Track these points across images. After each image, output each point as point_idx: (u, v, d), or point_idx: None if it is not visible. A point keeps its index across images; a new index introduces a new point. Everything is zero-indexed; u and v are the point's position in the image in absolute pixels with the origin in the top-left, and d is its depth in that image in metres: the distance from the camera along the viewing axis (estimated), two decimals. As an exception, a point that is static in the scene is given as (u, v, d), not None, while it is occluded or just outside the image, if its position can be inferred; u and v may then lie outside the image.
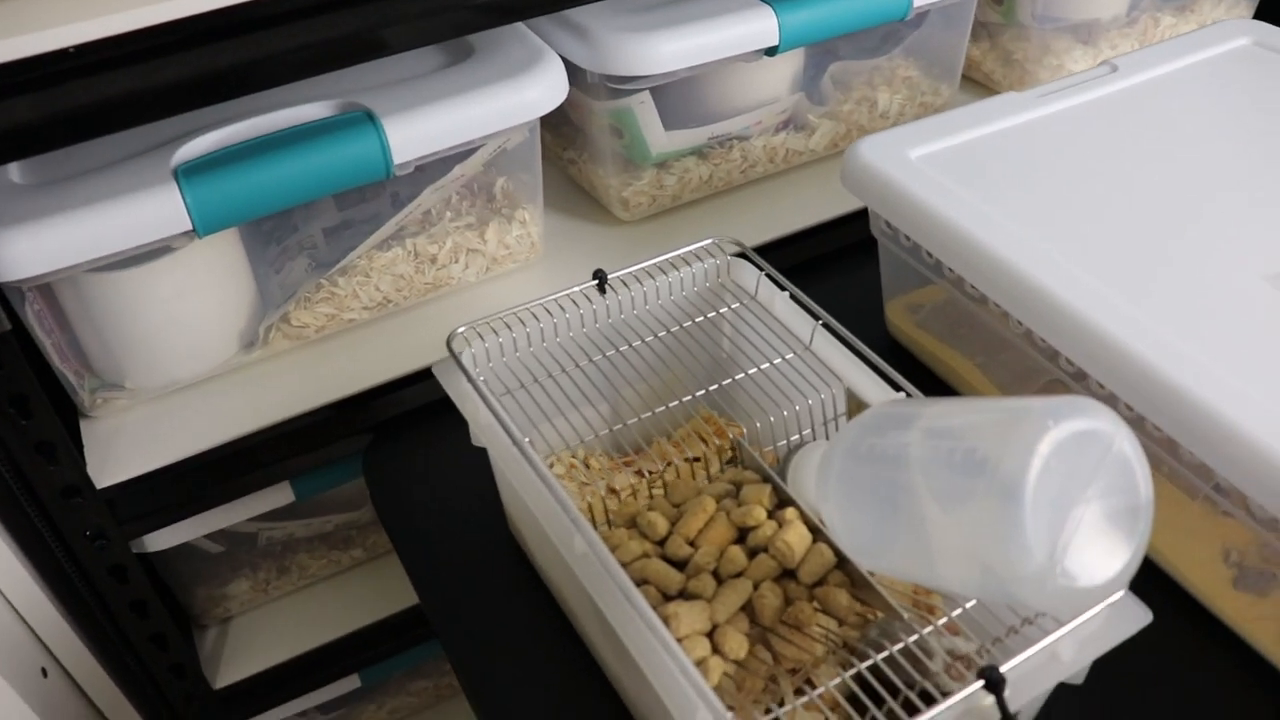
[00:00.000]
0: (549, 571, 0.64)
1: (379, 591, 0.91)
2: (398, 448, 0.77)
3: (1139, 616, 0.49)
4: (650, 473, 0.62)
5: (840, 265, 0.88)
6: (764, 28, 0.78)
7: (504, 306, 0.63)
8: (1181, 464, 0.61)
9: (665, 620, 0.49)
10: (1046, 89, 0.79)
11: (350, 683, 0.92)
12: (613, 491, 0.62)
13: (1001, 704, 0.44)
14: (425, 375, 0.77)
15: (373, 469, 0.76)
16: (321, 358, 0.79)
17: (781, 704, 0.51)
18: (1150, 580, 0.49)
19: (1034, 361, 0.70)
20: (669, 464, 0.62)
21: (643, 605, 0.47)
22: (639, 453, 0.67)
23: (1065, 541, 0.42)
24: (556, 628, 0.64)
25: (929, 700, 0.46)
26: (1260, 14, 1.10)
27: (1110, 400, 0.63)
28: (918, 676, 0.47)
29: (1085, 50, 1.00)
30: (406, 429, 0.78)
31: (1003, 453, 0.43)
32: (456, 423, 0.61)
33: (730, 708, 0.44)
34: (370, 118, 0.69)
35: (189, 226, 0.66)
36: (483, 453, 0.61)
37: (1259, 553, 0.63)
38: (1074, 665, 0.48)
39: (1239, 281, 0.64)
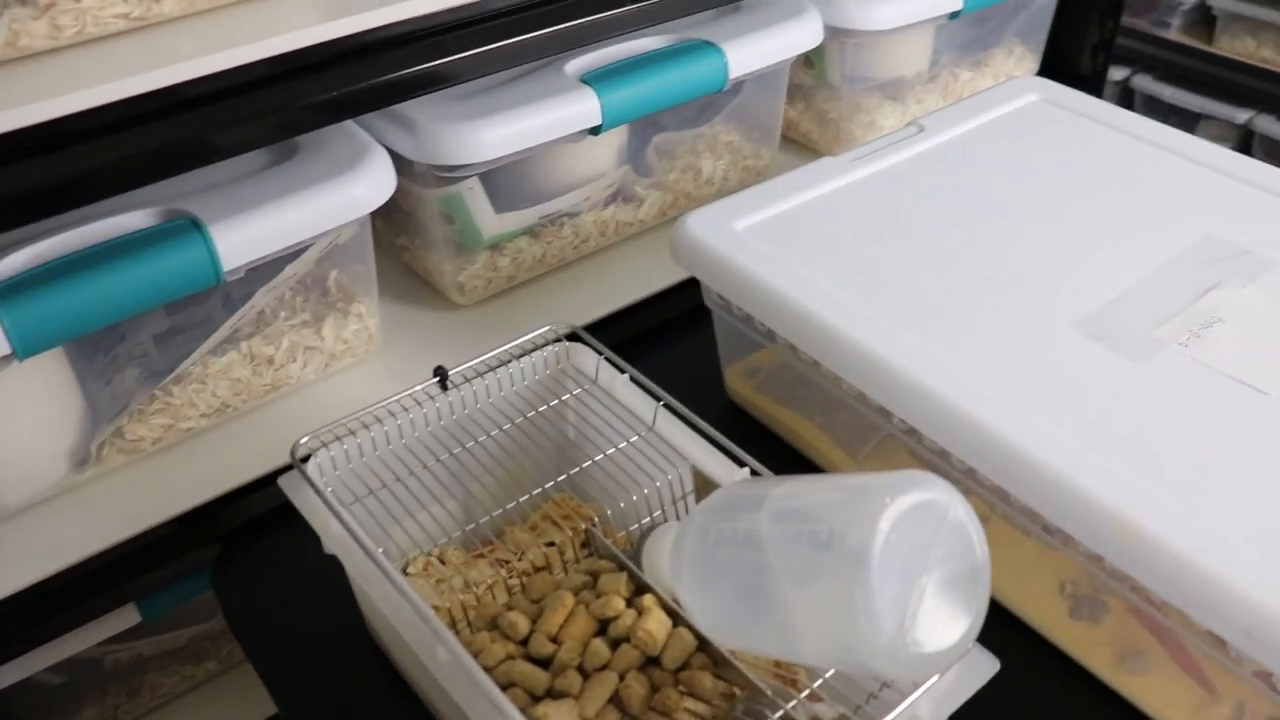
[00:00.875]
0: (414, 677, 0.64)
1: (238, 705, 0.88)
2: (248, 557, 0.75)
3: (987, 666, 0.52)
4: (507, 563, 0.62)
5: (679, 332, 0.90)
6: (586, 109, 0.79)
7: (345, 403, 0.63)
8: (1012, 508, 0.64)
9: (534, 723, 0.49)
10: (860, 152, 0.82)
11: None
12: (469, 587, 0.62)
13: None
14: (271, 481, 0.76)
15: (222, 581, 0.74)
16: (160, 471, 0.76)
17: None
18: (994, 618, 0.52)
19: (869, 420, 0.72)
20: (521, 553, 0.62)
21: (512, 712, 0.48)
22: (491, 545, 0.67)
23: (913, 611, 0.44)
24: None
25: None
26: (1044, 69, 1.17)
27: (943, 455, 0.66)
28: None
29: (894, 106, 1.04)
30: (256, 537, 0.76)
31: (847, 530, 0.45)
32: (308, 527, 0.60)
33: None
34: (196, 225, 0.68)
35: (8, 350, 0.63)
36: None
37: (1089, 582, 0.67)
38: (932, 722, 0.50)
39: (1050, 330, 0.68)
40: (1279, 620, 0.52)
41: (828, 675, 0.52)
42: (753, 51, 0.86)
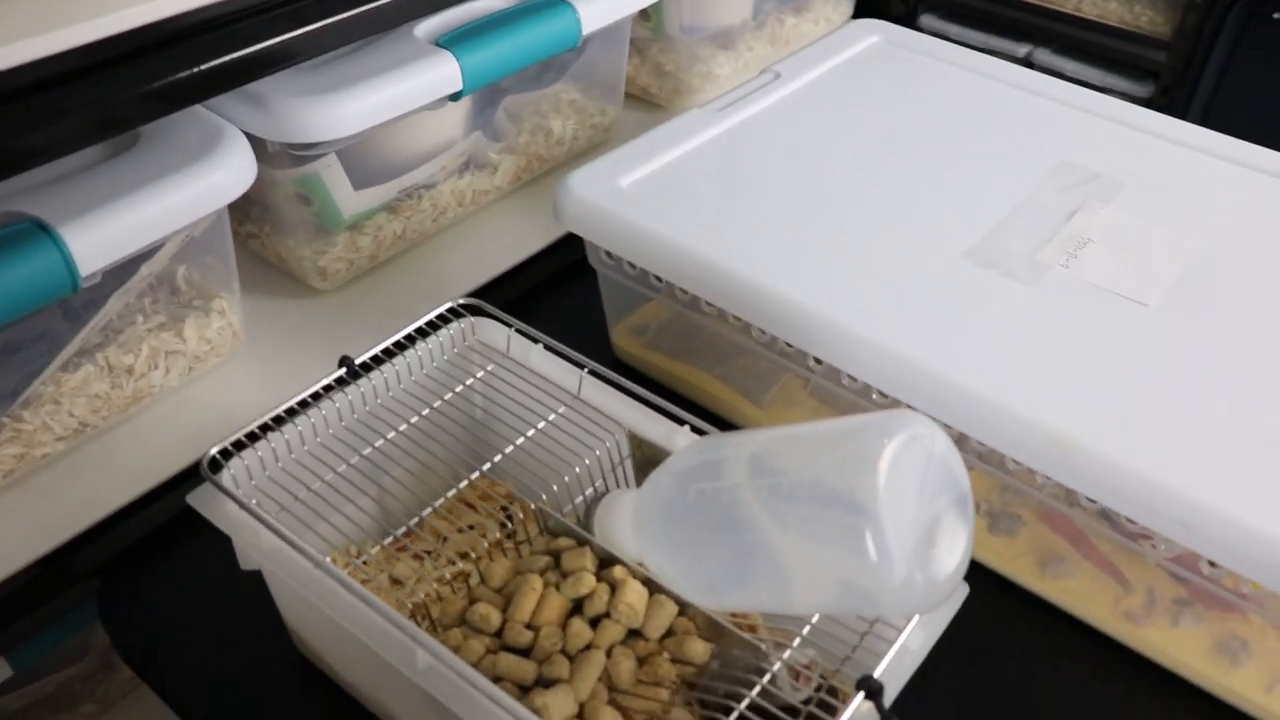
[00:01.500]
0: (365, 689, 0.60)
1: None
2: (137, 584, 0.69)
3: (961, 590, 0.53)
4: (429, 553, 0.59)
5: (551, 297, 0.88)
6: (446, 73, 0.76)
7: (215, 407, 0.58)
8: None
9: (537, 714, 0.47)
10: (722, 102, 0.82)
11: None
12: (396, 583, 0.58)
13: (880, 709, 0.46)
14: (148, 501, 0.70)
15: (112, 614, 0.68)
16: (17, 506, 0.69)
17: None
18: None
19: (771, 366, 0.72)
20: (443, 540, 0.60)
21: (516, 707, 0.45)
22: (410, 535, 0.64)
23: (918, 545, 0.44)
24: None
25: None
26: (859, 12, 1.20)
27: (863, 391, 0.67)
28: (768, 703, 0.48)
29: (727, 55, 1.05)
30: (139, 563, 0.70)
31: (847, 478, 0.44)
32: (199, 543, 0.56)
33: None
34: (43, 228, 0.61)
35: None
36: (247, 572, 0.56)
37: (1001, 498, 0.69)
38: (921, 653, 0.50)
39: (943, 261, 0.70)
40: (1212, 510, 0.55)
41: (813, 621, 0.52)
42: (603, 6, 0.84)
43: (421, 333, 0.64)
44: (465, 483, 0.60)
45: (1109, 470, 0.58)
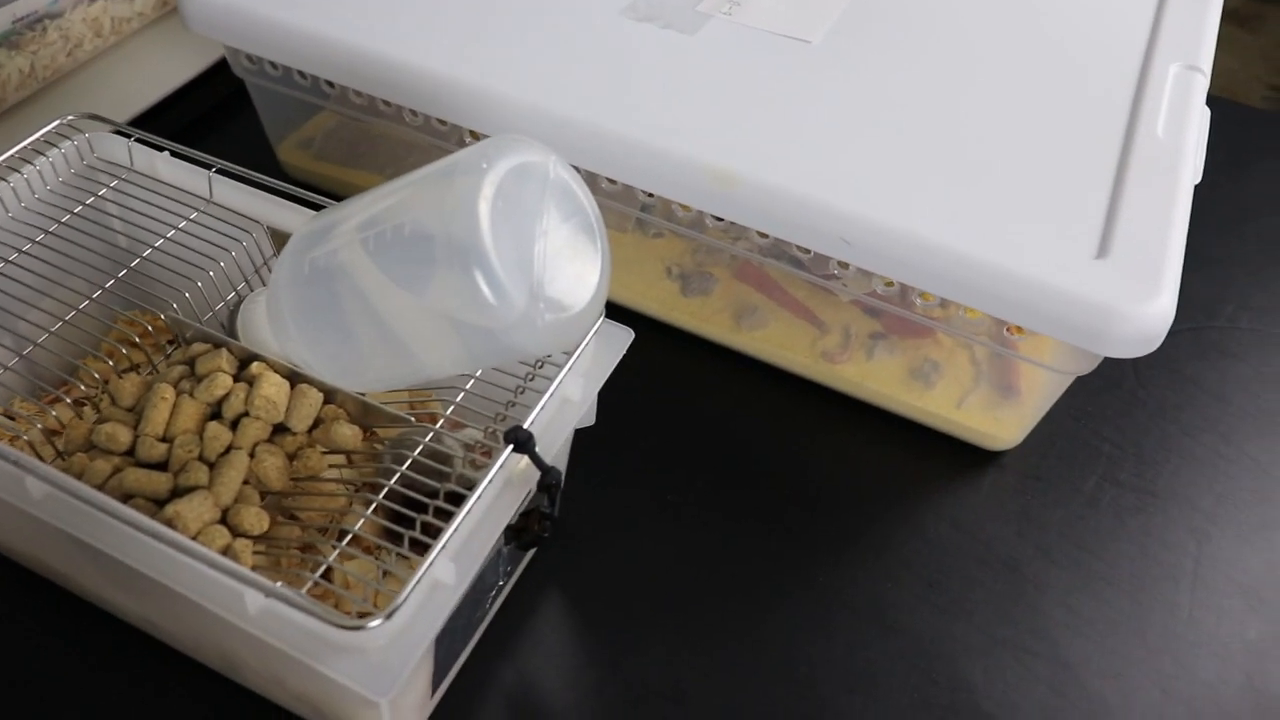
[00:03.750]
0: (15, 545, 0.55)
1: None
2: None
3: (623, 337, 0.51)
4: (90, 399, 0.54)
5: (212, 131, 0.82)
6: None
7: None
8: (607, 198, 0.63)
9: (169, 525, 0.43)
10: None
11: None
12: (55, 433, 0.53)
13: (535, 458, 0.44)
14: None
15: None
16: None
17: (329, 571, 0.48)
18: (614, 316, 0.51)
19: (440, 155, 0.68)
20: (106, 381, 0.55)
21: (137, 517, 0.41)
22: (65, 385, 0.58)
23: (538, 277, 0.42)
24: (55, 603, 0.55)
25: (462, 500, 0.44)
26: None
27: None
28: (443, 483, 0.45)
29: None
30: None
31: (449, 213, 0.41)
32: None
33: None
34: None
35: None
36: None
37: (692, 259, 0.68)
38: (584, 403, 0.48)
39: (600, 20, 0.66)
40: (870, 222, 0.55)
41: (460, 399, 0.49)
42: None
43: (30, 156, 0.57)
44: (87, 304, 0.54)
45: (766, 196, 0.56)
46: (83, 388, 0.52)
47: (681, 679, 0.54)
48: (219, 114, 0.83)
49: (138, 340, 0.56)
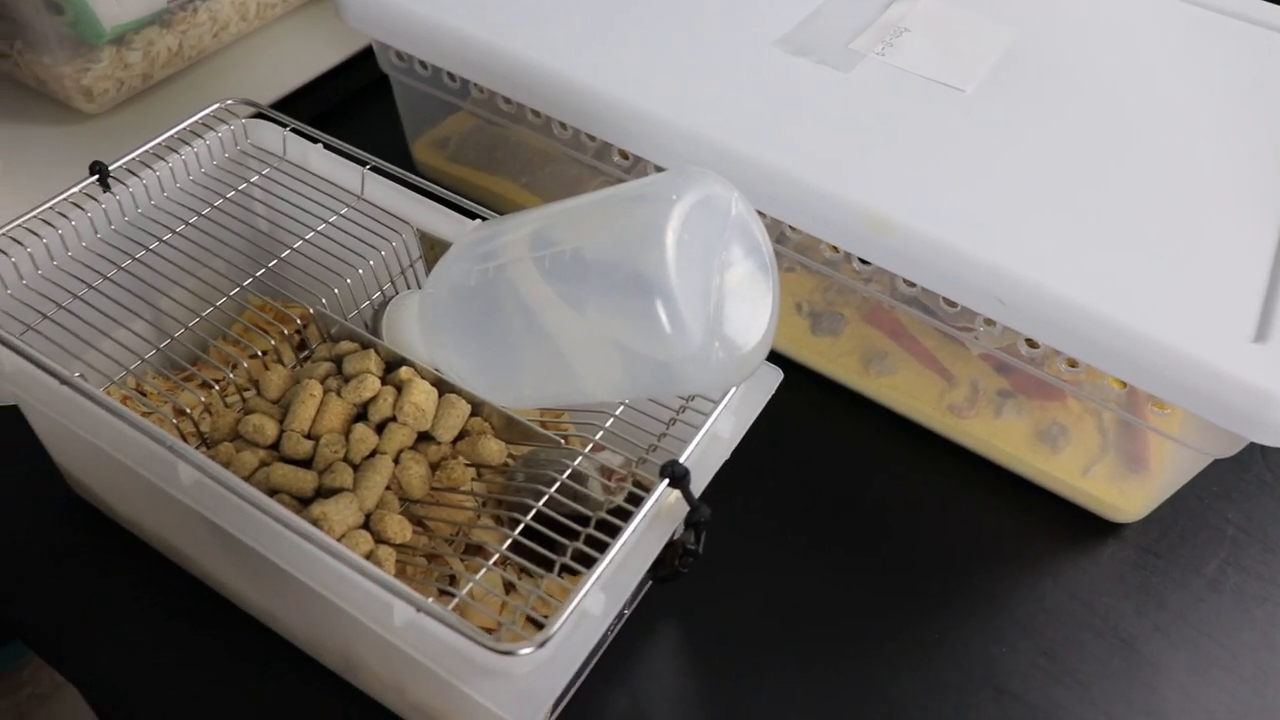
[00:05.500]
0: (144, 522, 0.55)
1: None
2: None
3: (772, 377, 0.50)
4: (219, 381, 0.54)
5: (347, 120, 0.82)
6: None
7: None
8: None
9: (315, 525, 0.43)
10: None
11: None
12: (182, 414, 0.53)
13: (688, 494, 0.43)
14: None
15: None
16: None
17: (453, 579, 0.48)
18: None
19: (580, 169, 0.68)
20: (233, 366, 0.55)
21: (287, 515, 0.41)
22: (197, 363, 0.58)
23: (715, 313, 0.41)
24: (170, 585, 0.55)
25: (588, 522, 0.44)
26: None
27: (674, 185, 0.63)
28: (582, 506, 0.45)
29: None
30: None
31: (635, 241, 0.41)
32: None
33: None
34: None
35: None
36: (5, 413, 0.51)
37: (824, 298, 0.67)
38: (733, 441, 0.48)
39: (753, 50, 0.66)
40: (1026, 283, 0.54)
41: (616, 414, 0.49)
42: None
43: (189, 138, 0.58)
44: (243, 296, 0.54)
45: (923, 248, 0.55)
46: (230, 374, 0.52)
47: (791, 726, 0.53)
48: (352, 105, 0.83)
49: (265, 327, 0.56)
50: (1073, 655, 0.58)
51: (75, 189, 0.54)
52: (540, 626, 0.47)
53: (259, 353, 0.54)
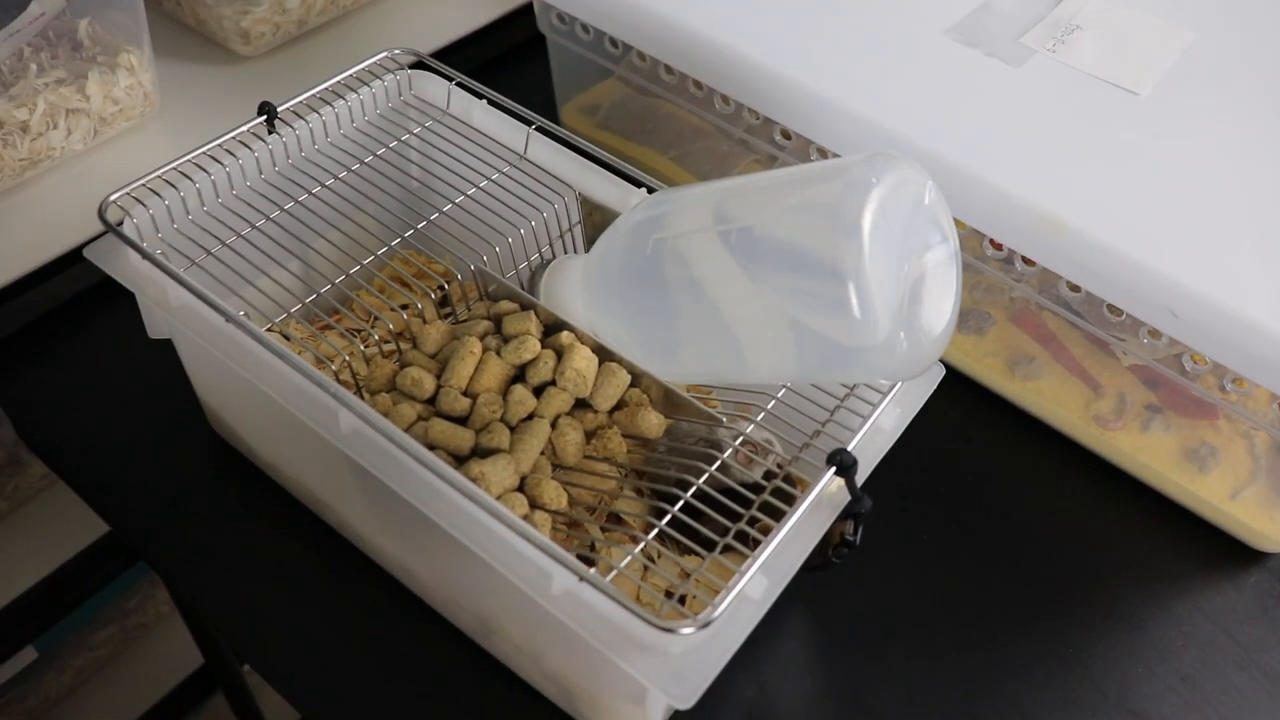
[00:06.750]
0: (285, 465, 0.55)
1: (32, 547, 0.76)
2: (39, 369, 0.63)
3: (936, 370, 0.49)
4: (359, 332, 0.54)
5: (499, 76, 0.81)
6: None
7: (125, 175, 0.51)
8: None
9: (475, 483, 0.42)
10: None
11: (25, 656, 0.78)
12: (321, 362, 0.53)
13: (851, 485, 0.42)
14: (48, 274, 0.64)
15: (12, 401, 0.62)
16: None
17: (593, 547, 0.47)
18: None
19: (733, 145, 0.67)
20: (373, 320, 0.54)
21: (451, 473, 0.41)
22: (337, 314, 0.58)
23: (904, 302, 0.40)
24: (305, 529, 0.56)
25: (736, 498, 0.43)
26: None
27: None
28: (730, 481, 0.44)
29: None
30: (42, 344, 0.64)
31: (831, 223, 0.39)
32: (108, 321, 0.50)
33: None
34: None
35: None
36: (154, 347, 0.51)
37: (970, 295, 0.65)
38: (895, 433, 0.47)
39: (925, 38, 0.64)
40: (1201, 298, 0.52)
41: (778, 396, 0.48)
42: None
43: (354, 85, 0.58)
44: (395, 250, 0.54)
45: (1094, 253, 0.53)
46: (372, 328, 0.51)
47: (920, 728, 0.52)
48: (501, 65, 0.82)
49: (407, 282, 0.55)
50: (1212, 684, 0.56)
51: (243, 128, 0.54)
52: (681, 603, 0.46)
53: (409, 305, 0.54)
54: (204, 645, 0.84)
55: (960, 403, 0.66)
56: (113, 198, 0.50)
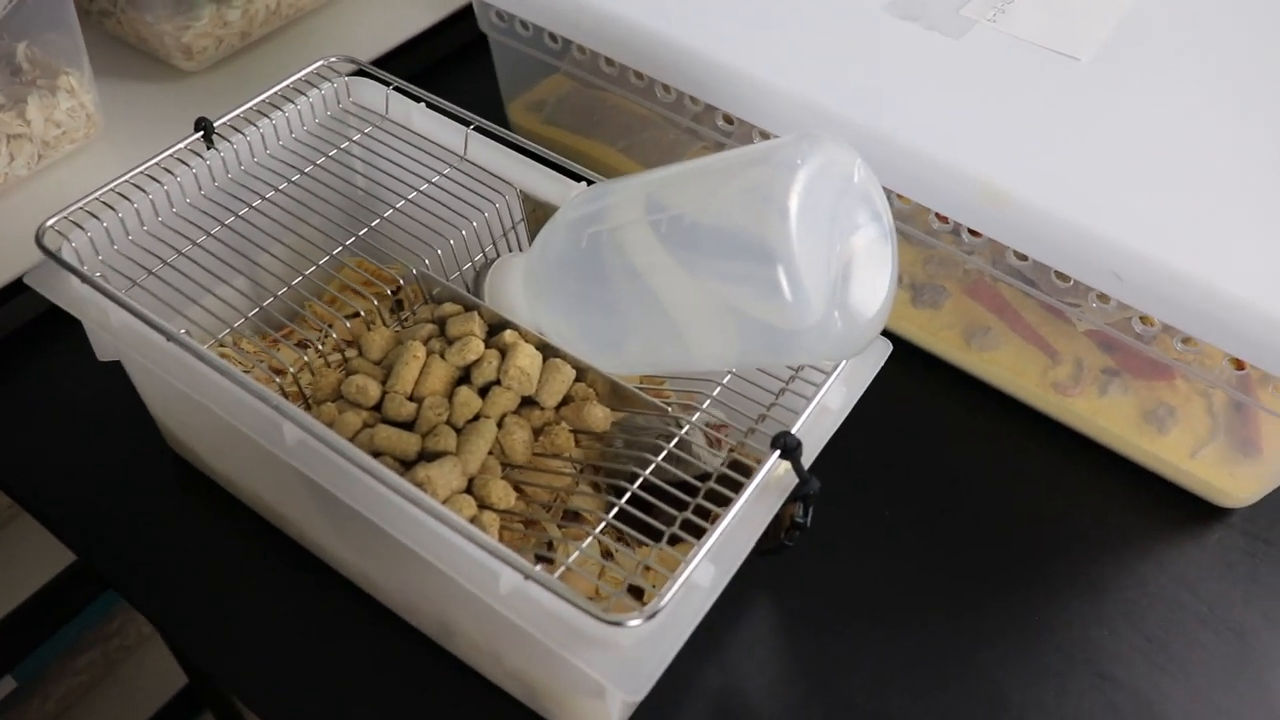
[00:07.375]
0: (241, 481, 0.55)
1: (2, 577, 0.76)
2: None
3: (882, 348, 0.49)
4: (310, 343, 0.54)
5: (443, 80, 0.81)
6: None
7: (70, 197, 0.51)
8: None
9: (421, 488, 0.42)
10: None
11: (4, 686, 0.78)
12: (278, 372, 0.53)
13: (798, 466, 0.42)
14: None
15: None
16: None
17: (550, 545, 0.47)
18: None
19: (680, 134, 0.67)
20: (326, 330, 0.54)
21: (394, 479, 0.41)
22: (289, 325, 0.58)
23: (836, 282, 0.40)
24: (268, 544, 0.56)
25: (692, 490, 0.43)
26: None
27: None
28: (683, 472, 0.44)
29: None
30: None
31: (757, 207, 0.39)
32: (57, 348, 0.50)
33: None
34: None
35: None
36: (108, 370, 0.51)
37: (924, 270, 0.65)
38: (842, 413, 0.47)
39: (863, 14, 0.64)
40: (1145, 259, 0.52)
41: (724, 382, 0.48)
42: None
43: (292, 95, 0.57)
44: (338, 260, 0.54)
45: (1038, 220, 0.54)
46: (330, 333, 0.51)
47: (889, 703, 0.52)
48: (446, 67, 0.82)
49: (365, 288, 0.55)
50: (1178, 642, 0.56)
51: (180, 145, 0.54)
52: (640, 596, 0.46)
53: (359, 312, 0.54)
54: (186, 664, 0.84)
55: (918, 377, 0.66)
56: (50, 223, 0.50)
